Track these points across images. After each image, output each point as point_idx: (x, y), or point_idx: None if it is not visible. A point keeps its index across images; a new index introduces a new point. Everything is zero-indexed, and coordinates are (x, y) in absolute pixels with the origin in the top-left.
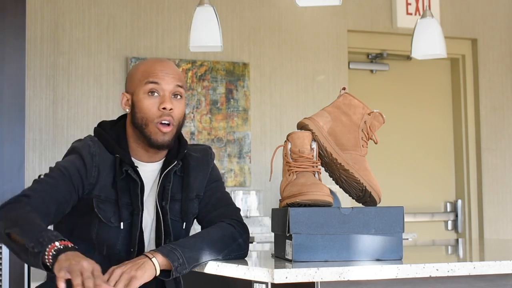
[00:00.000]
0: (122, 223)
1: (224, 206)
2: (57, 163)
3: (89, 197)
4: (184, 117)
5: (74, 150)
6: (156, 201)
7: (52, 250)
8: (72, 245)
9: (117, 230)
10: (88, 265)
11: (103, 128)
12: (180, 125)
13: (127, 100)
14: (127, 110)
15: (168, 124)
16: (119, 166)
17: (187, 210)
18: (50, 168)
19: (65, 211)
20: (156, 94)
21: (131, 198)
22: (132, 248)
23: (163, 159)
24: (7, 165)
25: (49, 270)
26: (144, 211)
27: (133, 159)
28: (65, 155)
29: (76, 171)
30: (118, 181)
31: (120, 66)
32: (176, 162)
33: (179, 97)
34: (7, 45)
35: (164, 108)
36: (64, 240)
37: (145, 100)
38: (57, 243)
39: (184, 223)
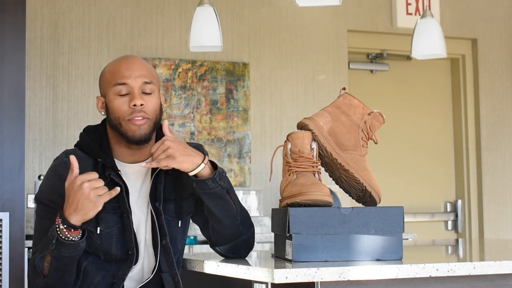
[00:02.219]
0: (113, 228)
1: None
2: (39, 198)
3: None
4: (160, 111)
5: (52, 171)
6: (148, 202)
7: (60, 225)
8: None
9: (107, 236)
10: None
11: (86, 133)
12: (157, 118)
13: (102, 103)
14: (103, 113)
15: (142, 119)
16: (101, 171)
17: (181, 209)
18: (37, 202)
19: None
20: (125, 93)
21: (118, 202)
22: (130, 251)
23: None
24: (7, 165)
25: (80, 234)
26: (134, 212)
27: (117, 161)
28: (44, 177)
29: (58, 197)
30: None
31: None
32: None
33: (149, 91)
34: (7, 45)
35: (134, 105)
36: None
37: (116, 101)
38: (57, 225)
39: (180, 222)
